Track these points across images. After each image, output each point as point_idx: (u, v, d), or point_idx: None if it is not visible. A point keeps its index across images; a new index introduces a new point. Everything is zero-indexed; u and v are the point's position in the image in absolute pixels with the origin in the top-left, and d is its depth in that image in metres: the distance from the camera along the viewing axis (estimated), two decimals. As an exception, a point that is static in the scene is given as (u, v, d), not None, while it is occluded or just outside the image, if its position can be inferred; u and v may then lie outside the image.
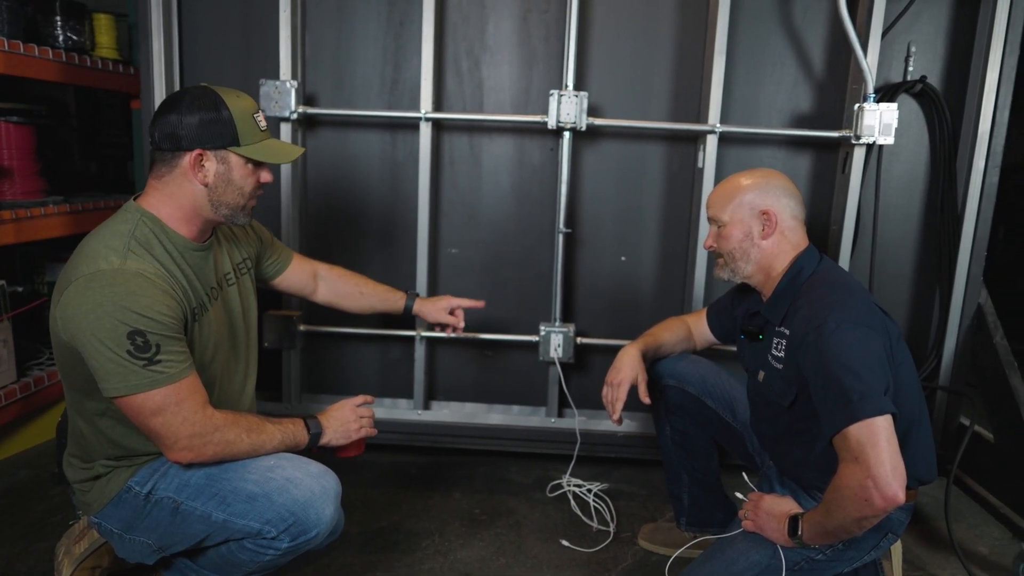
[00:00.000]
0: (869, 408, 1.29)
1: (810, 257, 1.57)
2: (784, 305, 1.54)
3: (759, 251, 1.57)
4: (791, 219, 1.58)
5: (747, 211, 1.57)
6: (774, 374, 1.55)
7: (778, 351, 1.53)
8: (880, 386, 1.32)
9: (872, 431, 1.28)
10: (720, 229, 1.61)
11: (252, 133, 1.44)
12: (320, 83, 2.31)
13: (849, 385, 1.31)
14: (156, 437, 1.34)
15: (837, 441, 1.33)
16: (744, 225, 1.57)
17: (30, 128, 2.52)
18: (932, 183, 2.30)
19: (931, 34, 2.24)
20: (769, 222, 1.56)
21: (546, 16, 2.26)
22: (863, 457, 1.27)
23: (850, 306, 1.41)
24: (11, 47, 2.32)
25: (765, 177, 1.60)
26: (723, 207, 1.60)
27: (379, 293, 1.98)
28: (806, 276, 1.54)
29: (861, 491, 1.27)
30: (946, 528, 1.91)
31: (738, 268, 1.60)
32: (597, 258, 2.39)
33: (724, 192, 1.61)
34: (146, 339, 1.28)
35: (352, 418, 1.60)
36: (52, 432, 2.50)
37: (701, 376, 1.83)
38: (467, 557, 1.95)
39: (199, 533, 1.43)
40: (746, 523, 1.54)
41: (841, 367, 1.33)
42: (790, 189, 1.59)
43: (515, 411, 2.51)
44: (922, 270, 2.37)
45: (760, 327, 1.63)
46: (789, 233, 1.57)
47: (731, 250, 1.59)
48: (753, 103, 2.28)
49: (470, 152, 2.35)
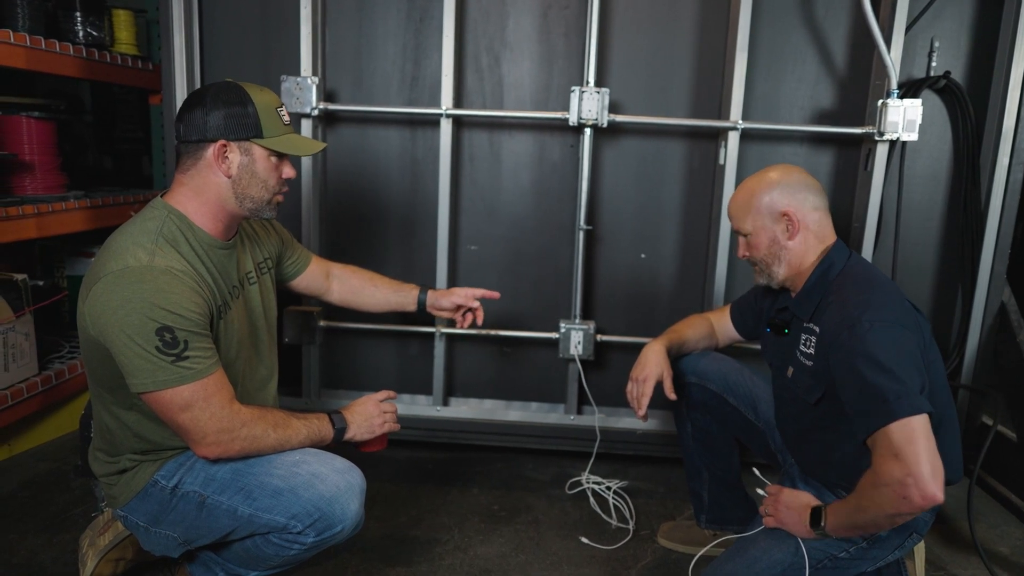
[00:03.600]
0: (907, 407, 1.27)
1: (839, 252, 1.54)
2: (814, 301, 1.52)
3: (788, 252, 1.55)
4: (813, 212, 1.54)
5: (767, 217, 1.55)
6: (802, 370, 1.53)
7: (807, 347, 1.51)
8: (916, 385, 1.31)
9: (911, 430, 1.27)
10: (747, 239, 1.59)
11: (275, 126, 1.44)
12: (340, 79, 2.31)
13: (886, 385, 1.30)
14: (184, 432, 1.35)
15: (874, 440, 1.32)
16: (768, 231, 1.55)
17: (51, 123, 2.54)
18: (955, 180, 2.28)
19: (955, 29, 2.21)
20: (792, 223, 1.53)
21: (566, 12, 2.25)
22: (903, 455, 1.26)
23: (884, 304, 1.39)
24: (32, 43, 2.33)
25: (779, 176, 1.56)
26: (743, 217, 1.58)
27: (392, 286, 1.96)
28: (836, 272, 1.51)
29: (901, 488, 1.26)
30: (968, 528, 1.90)
31: (773, 273, 1.58)
32: (617, 255, 2.39)
33: (741, 201, 1.59)
34: (174, 335, 1.29)
35: (376, 413, 1.60)
36: (73, 425, 2.53)
37: (723, 373, 1.82)
38: (486, 553, 1.95)
39: (225, 527, 1.43)
40: (767, 519, 1.53)
41: (877, 367, 1.31)
42: (806, 182, 1.56)
43: (533, 408, 2.51)
44: (944, 267, 2.35)
45: (787, 321, 1.62)
46: (815, 227, 1.55)
47: (762, 257, 1.58)
48: (774, 99, 2.27)
49: (490, 149, 2.35)
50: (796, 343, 1.56)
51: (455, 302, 1.95)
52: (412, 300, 1.95)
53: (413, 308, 1.96)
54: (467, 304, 1.97)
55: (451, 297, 1.96)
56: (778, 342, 1.65)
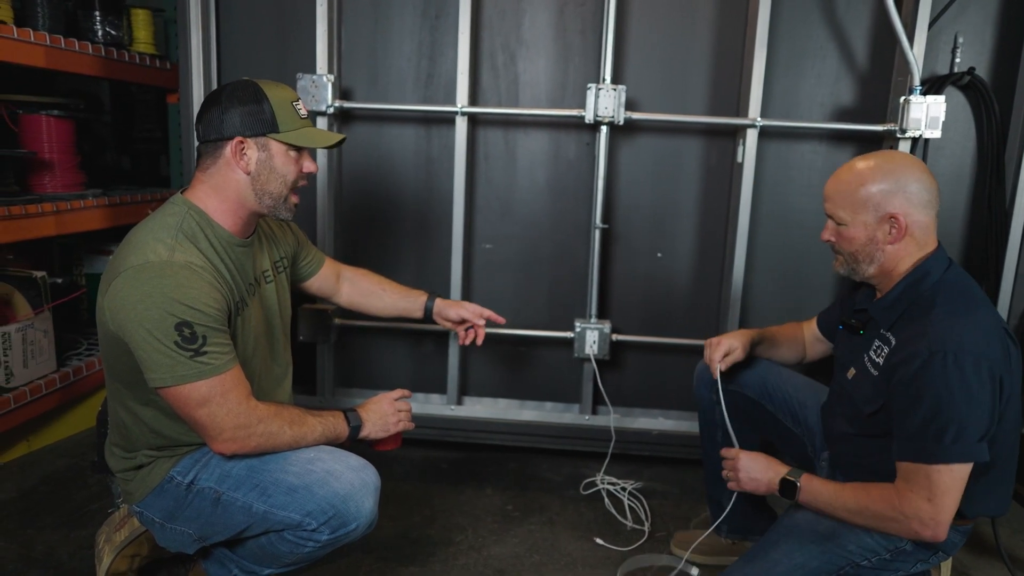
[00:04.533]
0: (959, 453, 1.25)
1: (938, 262, 1.40)
2: (897, 311, 1.42)
3: (883, 255, 1.41)
4: (923, 217, 1.38)
5: (871, 213, 1.38)
6: (865, 377, 1.45)
7: (877, 356, 1.43)
8: (978, 432, 1.26)
9: (952, 478, 1.27)
10: (840, 228, 1.44)
11: (291, 121, 1.45)
12: (356, 77, 2.31)
13: (947, 427, 1.25)
14: (201, 428, 1.35)
15: (911, 469, 1.29)
16: (868, 229, 1.40)
17: (70, 122, 2.56)
18: (979, 178, 2.23)
19: (979, 24, 2.17)
20: (897, 226, 1.37)
21: (583, 9, 2.24)
22: (937, 501, 1.27)
23: (971, 333, 1.28)
24: (52, 41, 2.35)
25: (894, 168, 1.39)
26: (843, 204, 1.41)
27: (400, 292, 1.95)
28: (929, 284, 1.39)
29: (920, 526, 1.29)
30: (992, 533, 1.86)
31: (859, 269, 1.45)
32: (633, 254, 2.37)
33: (846, 186, 1.42)
34: (193, 330, 1.29)
35: (391, 412, 1.59)
36: (91, 421, 2.55)
37: (761, 378, 1.76)
38: (501, 553, 1.94)
39: (240, 524, 1.43)
40: (730, 484, 1.55)
41: (945, 403, 1.25)
42: (923, 180, 1.38)
43: (548, 408, 2.50)
44: (968, 268, 2.28)
45: (863, 322, 1.52)
46: (919, 234, 1.39)
47: (853, 252, 1.44)
48: (794, 96, 2.24)
49: (505, 147, 2.34)
50: (868, 347, 1.47)
51: (462, 316, 1.93)
52: (419, 307, 1.94)
53: (420, 315, 1.94)
54: (473, 320, 1.94)
55: (459, 310, 1.93)
56: (850, 341, 1.56)
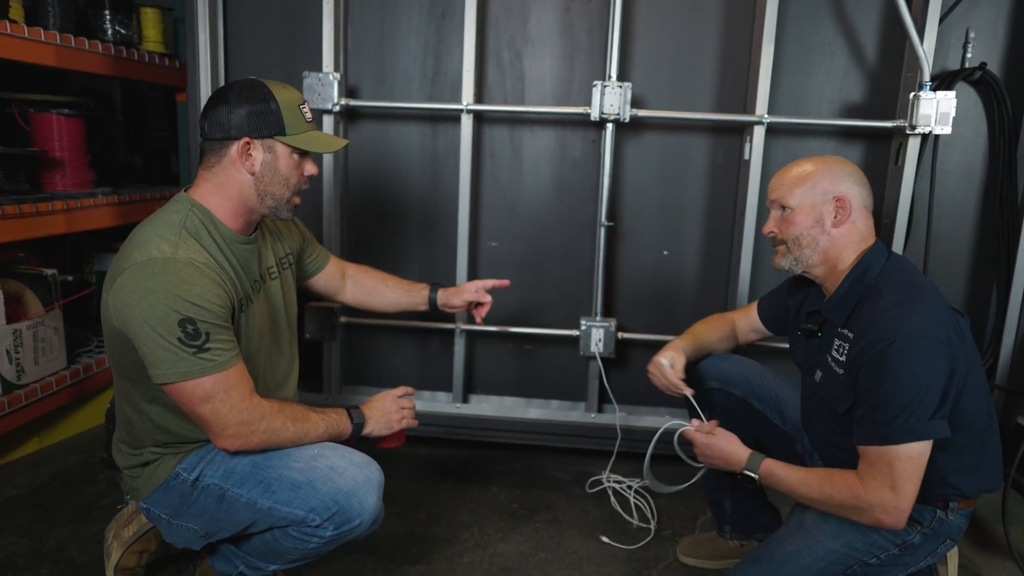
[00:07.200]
0: (911, 431, 1.29)
1: (878, 254, 1.47)
2: (848, 306, 1.46)
3: (828, 240, 1.47)
4: (862, 208, 1.48)
5: (819, 195, 1.47)
6: (832, 378, 1.47)
7: (839, 354, 1.45)
8: (929, 409, 1.29)
9: (913, 463, 1.30)
10: (785, 214, 1.51)
11: (298, 124, 1.45)
12: (362, 75, 2.32)
13: (897, 404, 1.29)
14: (204, 424, 1.36)
15: (873, 454, 1.33)
16: (815, 210, 1.47)
17: (80, 121, 2.58)
18: (990, 174, 2.21)
19: (991, 19, 2.15)
20: (843, 209, 1.46)
21: (589, 7, 2.23)
22: (899, 488, 1.30)
23: (919, 316, 1.32)
24: (63, 40, 2.37)
25: (835, 163, 1.51)
26: (791, 190, 1.50)
27: (403, 286, 1.95)
28: (873, 275, 1.44)
29: (882, 514, 1.32)
30: (1003, 532, 1.84)
31: (802, 257, 1.50)
32: (638, 252, 2.36)
33: (794, 175, 1.51)
34: (196, 327, 1.30)
35: (394, 409, 1.60)
36: (101, 418, 2.57)
37: (746, 377, 1.76)
38: (506, 551, 1.94)
39: (244, 520, 1.44)
40: (702, 458, 1.61)
41: (897, 385, 1.29)
42: (861, 177, 1.50)
43: (554, 406, 2.49)
44: (979, 266, 2.28)
45: (819, 325, 1.56)
46: (860, 223, 1.48)
47: (797, 236, 1.49)
48: (801, 93, 2.22)
49: (511, 145, 2.34)
50: (828, 347, 1.50)
51: (465, 299, 1.93)
52: (423, 299, 1.94)
53: (425, 307, 1.95)
54: (478, 299, 1.93)
55: (461, 295, 1.93)
56: (809, 345, 1.59)
